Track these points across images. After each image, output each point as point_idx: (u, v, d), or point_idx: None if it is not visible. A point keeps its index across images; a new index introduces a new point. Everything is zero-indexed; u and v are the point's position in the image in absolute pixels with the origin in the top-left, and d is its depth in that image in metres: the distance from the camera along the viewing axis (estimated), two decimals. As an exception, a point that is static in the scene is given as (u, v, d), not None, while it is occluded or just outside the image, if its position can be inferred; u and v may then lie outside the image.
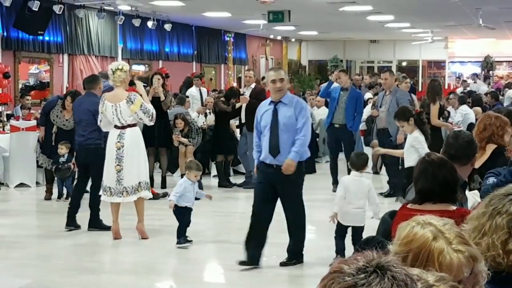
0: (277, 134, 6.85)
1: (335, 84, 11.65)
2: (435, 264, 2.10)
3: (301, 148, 6.86)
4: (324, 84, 12.54)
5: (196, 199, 8.04)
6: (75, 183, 9.41)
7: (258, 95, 11.74)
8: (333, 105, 11.28)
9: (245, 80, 12.50)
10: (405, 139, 10.31)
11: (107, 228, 8.48)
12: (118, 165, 7.99)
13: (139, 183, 8.08)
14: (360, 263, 1.55)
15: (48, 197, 10.67)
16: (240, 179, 12.07)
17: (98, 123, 8.22)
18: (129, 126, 8.09)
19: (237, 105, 11.79)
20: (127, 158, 8.02)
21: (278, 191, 6.95)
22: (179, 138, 11.71)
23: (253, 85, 11.97)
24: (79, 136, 8.76)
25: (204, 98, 15.29)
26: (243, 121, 11.80)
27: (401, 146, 10.20)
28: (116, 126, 8.08)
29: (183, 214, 7.77)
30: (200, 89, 15.94)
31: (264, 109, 7.04)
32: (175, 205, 7.71)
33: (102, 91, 11.10)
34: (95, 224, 8.58)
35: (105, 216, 8.75)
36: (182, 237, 7.79)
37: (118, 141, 8.02)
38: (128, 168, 8.02)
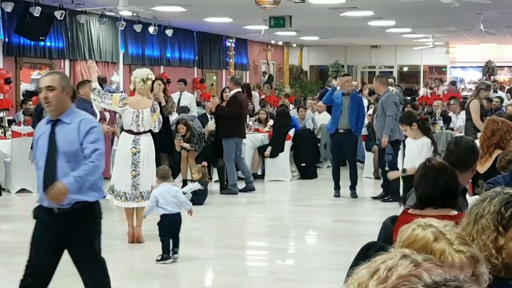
0: (55, 166, 4.80)
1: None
2: None
3: (85, 175, 4.76)
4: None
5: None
6: None
7: (230, 100, 11.84)
8: (338, 111, 11.31)
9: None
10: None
11: None
12: (134, 170, 8.04)
13: (152, 187, 8.18)
14: (439, 277, 1.50)
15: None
16: (241, 185, 12.06)
17: (99, 101, 8.19)
18: (144, 132, 8.19)
19: (212, 108, 11.96)
20: (143, 163, 8.10)
21: (65, 245, 5.00)
22: (181, 144, 11.72)
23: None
24: None
25: (189, 103, 14.98)
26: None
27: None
28: (130, 131, 8.13)
29: None
30: (181, 94, 15.29)
31: (40, 132, 5.01)
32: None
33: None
34: None
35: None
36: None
37: (134, 147, 8.08)
38: (144, 173, 8.11)
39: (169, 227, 7.35)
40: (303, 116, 14.59)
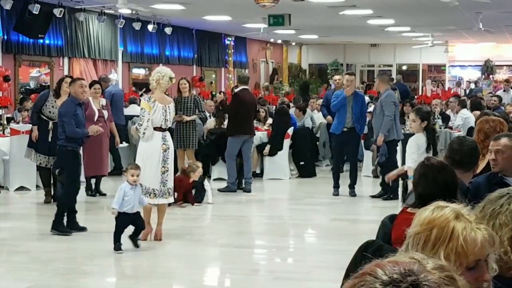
0: None
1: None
2: (459, 239, 2.09)
3: None
4: (339, 93, 12.11)
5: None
6: None
7: (232, 97, 11.90)
8: (344, 113, 11.28)
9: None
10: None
11: (67, 233, 8.40)
12: (163, 167, 8.05)
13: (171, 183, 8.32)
14: (396, 275, 1.40)
15: (48, 200, 10.64)
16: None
17: (146, 123, 8.01)
18: (168, 128, 8.25)
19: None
20: (170, 160, 8.18)
21: None
22: (184, 117, 11.18)
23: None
24: (57, 138, 8.81)
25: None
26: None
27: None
28: (159, 128, 8.09)
29: (121, 220, 7.62)
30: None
31: None
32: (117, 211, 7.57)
33: (107, 95, 11.16)
34: (56, 227, 8.44)
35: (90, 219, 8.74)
36: (117, 242, 7.63)
37: (164, 143, 8.10)
38: (170, 169, 8.20)
39: None
40: (299, 117, 14.57)
